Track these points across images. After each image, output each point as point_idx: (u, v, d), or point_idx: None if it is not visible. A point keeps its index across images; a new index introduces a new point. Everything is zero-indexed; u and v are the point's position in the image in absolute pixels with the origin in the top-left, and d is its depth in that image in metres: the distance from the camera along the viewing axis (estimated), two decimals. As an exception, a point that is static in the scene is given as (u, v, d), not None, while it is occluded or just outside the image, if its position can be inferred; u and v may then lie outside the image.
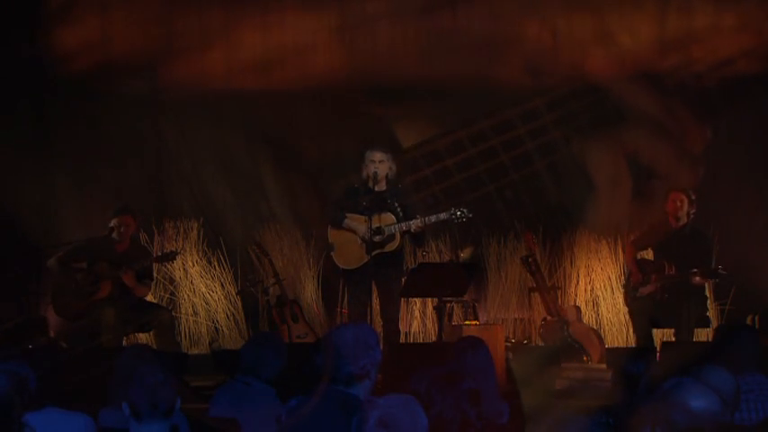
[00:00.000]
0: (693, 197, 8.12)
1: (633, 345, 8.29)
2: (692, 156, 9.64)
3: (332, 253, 7.77)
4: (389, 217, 7.56)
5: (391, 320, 7.71)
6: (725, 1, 9.64)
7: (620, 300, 8.75)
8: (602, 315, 9.32)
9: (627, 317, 8.66)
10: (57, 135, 9.88)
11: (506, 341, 7.68)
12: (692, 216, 8.08)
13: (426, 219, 7.51)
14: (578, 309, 8.78)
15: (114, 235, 8.06)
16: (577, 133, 9.84)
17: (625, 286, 8.39)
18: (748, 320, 8.25)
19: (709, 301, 8.33)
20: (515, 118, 9.97)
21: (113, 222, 8.07)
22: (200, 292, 9.46)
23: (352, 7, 9.89)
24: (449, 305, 8.17)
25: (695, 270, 7.85)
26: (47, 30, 9.93)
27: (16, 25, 9.82)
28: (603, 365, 7.98)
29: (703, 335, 8.32)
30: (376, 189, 7.65)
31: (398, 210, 7.58)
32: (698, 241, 8.06)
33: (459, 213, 7.56)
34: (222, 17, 9.94)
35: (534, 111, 9.92)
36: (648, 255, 8.43)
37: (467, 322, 8.12)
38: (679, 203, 8.07)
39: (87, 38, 9.97)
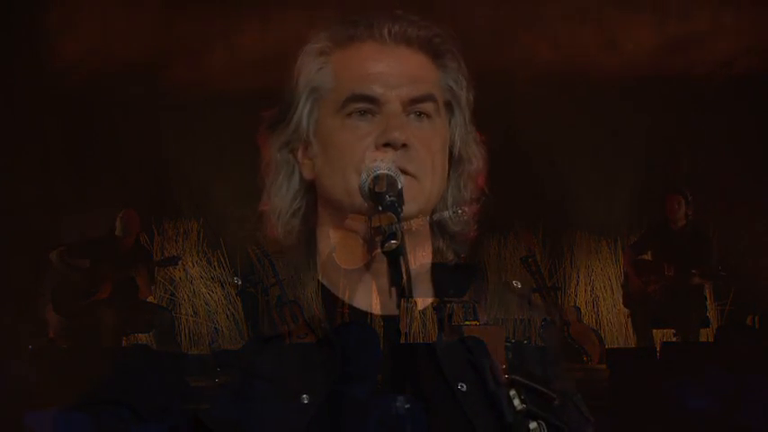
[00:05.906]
0: (690, 198, 8.04)
1: (633, 345, 8.28)
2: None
3: (332, 253, 7.76)
4: (390, 216, 7.56)
5: (391, 320, 7.71)
6: (724, 1, 9.64)
7: (620, 300, 8.74)
8: (602, 315, 9.32)
9: (627, 317, 8.65)
10: (57, 135, 9.88)
11: (506, 341, 7.66)
12: (690, 217, 8.00)
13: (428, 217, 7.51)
14: (578, 309, 8.78)
15: (117, 233, 8.05)
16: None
17: (624, 287, 8.38)
18: (748, 320, 8.23)
19: (708, 302, 8.32)
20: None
21: (120, 214, 8.05)
22: (200, 293, 9.46)
23: (352, 7, 9.88)
24: (449, 305, 8.16)
25: (694, 271, 7.80)
26: (48, 35, 9.94)
27: (18, 29, 9.83)
28: (603, 365, 7.98)
29: (703, 335, 8.32)
30: (376, 189, 7.65)
31: (399, 209, 7.58)
32: (698, 241, 7.99)
33: (460, 212, 7.55)
34: (222, 18, 9.94)
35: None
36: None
37: (467, 322, 8.11)
38: (677, 206, 7.99)
39: (88, 44, 9.97)
